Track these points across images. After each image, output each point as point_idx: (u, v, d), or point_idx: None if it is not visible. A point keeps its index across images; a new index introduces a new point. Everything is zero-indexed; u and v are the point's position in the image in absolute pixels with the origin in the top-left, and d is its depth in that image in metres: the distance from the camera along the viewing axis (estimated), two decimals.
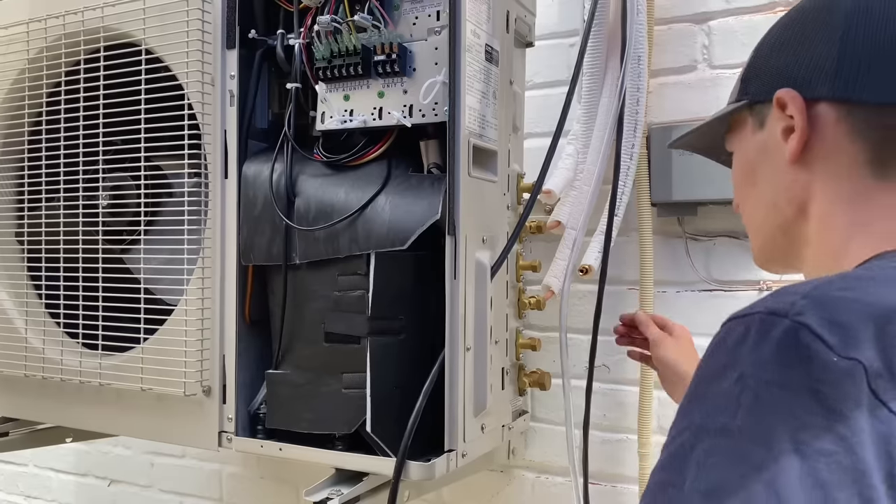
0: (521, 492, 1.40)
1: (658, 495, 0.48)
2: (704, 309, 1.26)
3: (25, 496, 2.01)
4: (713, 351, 0.52)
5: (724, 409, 0.47)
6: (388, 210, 0.97)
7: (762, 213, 0.68)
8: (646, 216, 1.26)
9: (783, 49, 0.64)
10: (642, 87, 1.20)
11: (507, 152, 1.10)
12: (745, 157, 0.69)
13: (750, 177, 0.69)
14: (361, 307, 0.97)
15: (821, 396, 0.44)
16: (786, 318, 0.47)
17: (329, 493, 0.95)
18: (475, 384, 0.98)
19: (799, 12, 0.65)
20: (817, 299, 0.47)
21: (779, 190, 0.65)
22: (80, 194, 1.16)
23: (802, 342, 0.45)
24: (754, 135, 0.67)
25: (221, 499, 1.72)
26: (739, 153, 0.71)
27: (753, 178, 0.68)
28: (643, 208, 1.26)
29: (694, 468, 0.46)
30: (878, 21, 0.58)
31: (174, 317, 1.08)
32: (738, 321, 0.51)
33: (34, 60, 1.20)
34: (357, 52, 0.98)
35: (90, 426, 1.20)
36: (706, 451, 0.46)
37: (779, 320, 0.47)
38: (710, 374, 0.51)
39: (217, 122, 1.07)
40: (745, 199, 0.71)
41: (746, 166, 0.69)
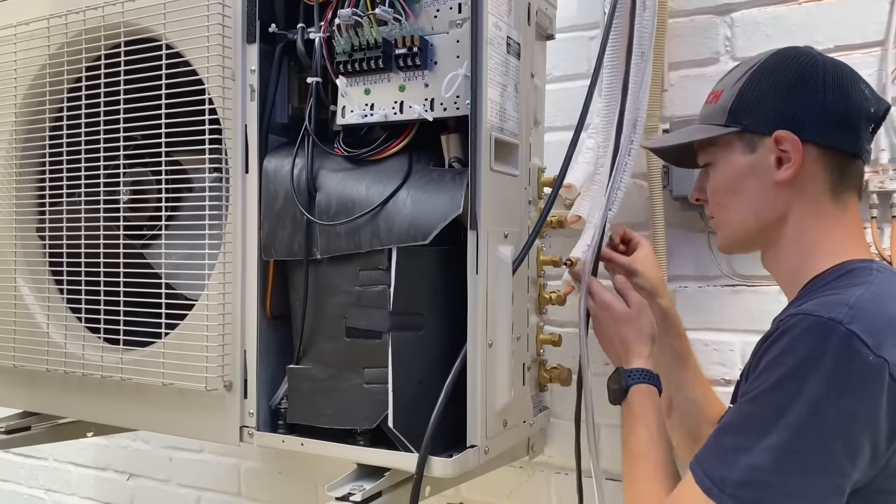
0: (540, 488, 1.39)
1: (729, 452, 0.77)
2: (727, 304, 1.24)
3: (46, 489, 2.02)
4: (784, 339, 0.77)
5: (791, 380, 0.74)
6: (410, 204, 0.97)
7: (742, 216, 0.91)
8: (658, 210, 1.25)
9: (776, 96, 0.88)
10: (644, 84, 1.19)
11: (528, 146, 1.09)
12: (732, 172, 0.91)
13: (734, 187, 0.91)
14: (383, 302, 0.97)
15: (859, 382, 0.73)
16: (841, 325, 0.74)
17: (351, 488, 0.94)
18: (497, 380, 0.97)
19: (786, 65, 0.89)
20: (859, 311, 0.75)
21: (763, 202, 0.89)
22: (100, 190, 1.16)
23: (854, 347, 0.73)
24: (743, 156, 0.90)
25: (240, 493, 1.73)
26: (724, 167, 0.92)
27: (738, 189, 0.91)
28: (656, 202, 1.26)
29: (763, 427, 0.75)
30: (843, 92, 0.86)
31: (195, 312, 1.08)
32: (805, 318, 0.76)
33: (55, 56, 1.20)
34: (378, 45, 0.97)
35: (111, 421, 1.21)
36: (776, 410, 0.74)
37: (836, 326, 0.74)
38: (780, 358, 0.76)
39: (237, 116, 1.06)
40: (724, 204, 0.93)
41: (732, 179, 0.91)
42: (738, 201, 0.91)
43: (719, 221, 0.95)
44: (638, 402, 0.96)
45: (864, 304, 0.76)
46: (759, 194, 0.89)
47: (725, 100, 0.91)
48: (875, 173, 1.15)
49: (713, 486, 0.75)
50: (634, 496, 0.90)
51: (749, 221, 0.91)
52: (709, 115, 0.94)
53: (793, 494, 0.73)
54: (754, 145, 0.89)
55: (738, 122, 0.89)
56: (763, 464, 0.74)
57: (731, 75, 0.94)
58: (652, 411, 0.95)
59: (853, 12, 1.17)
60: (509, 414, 1.02)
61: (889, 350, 0.73)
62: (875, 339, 0.73)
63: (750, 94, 0.89)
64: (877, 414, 0.72)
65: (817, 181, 0.87)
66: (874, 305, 0.76)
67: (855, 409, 0.72)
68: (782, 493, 0.73)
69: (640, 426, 0.94)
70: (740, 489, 0.74)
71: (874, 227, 1.14)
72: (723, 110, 0.91)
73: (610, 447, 1.30)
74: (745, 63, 0.93)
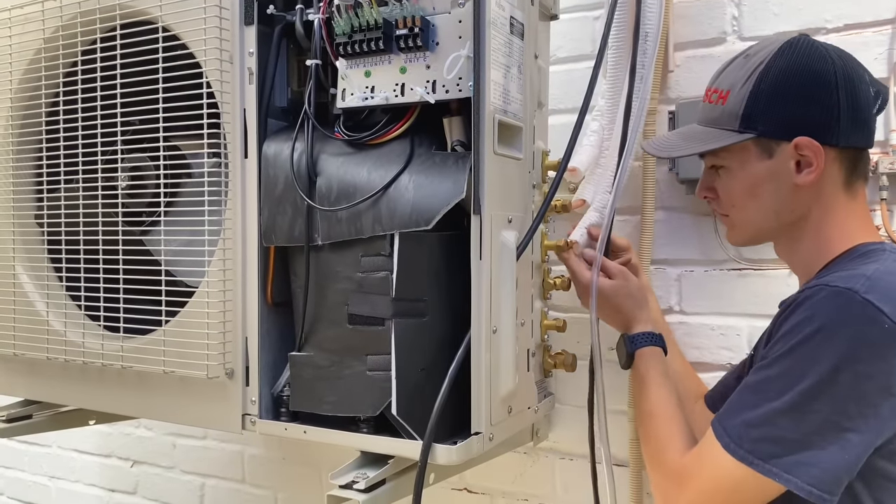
0: (544, 474, 1.38)
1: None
2: (734, 288, 1.23)
3: (50, 477, 2.03)
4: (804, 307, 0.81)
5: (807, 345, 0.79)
6: (412, 189, 0.95)
7: (761, 216, 0.93)
8: (650, 193, 1.25)
9: (791, 100, 0.88)
10: (648, 65, 1.17)
11: (532, 129, 1.07)
12: (750, 177, 0.92)
13: (752, 190, 0.92)
14: (385, 288, 0.95)
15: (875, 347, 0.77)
16: (858, 294, 0.78)
17: (355, 475, 0.94)
18: (501, 366, 0.96)
19: (796, 64, 0.88)
20: (876, 282, 0.79)
21: (783, 203, 0.91)
22: (98, 176, 1.15)
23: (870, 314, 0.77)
24: (760, 161, 0.90)
25: (243, 480, 1.73)
26: (740, 172, 0.93)
27: (756, 192, 0.92)
28: (648, 184, 1.25)
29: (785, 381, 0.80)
30: (855, 90, 0.87)
31: (195, 299, 1.07)
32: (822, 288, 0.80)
33: (50, 40, 1.18)
34: (378, 26, 0.95)
35: (113, 409, 1.20)
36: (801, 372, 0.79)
37: (854, 294, 0.78)
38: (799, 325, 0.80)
39: (236, 100, 1.05)
40: (742, 205, 0.94)
41: (750, 184, 0.92)
42: (757, 204, 0.93)
43: (735, 221, 0.97)
44: (644, 364, 1.03)
45: (880, 276, 0.80)
46: (778, 197, 0.91)
47: (735, 103, 0.90)
48: (885, 154, 1.13)
49: (731, 442, 0.81)
50: (651, 453, 0.95)
51: (768, 220, 0.93)
52: (717, 118, 0.93)
53: (808, 450, 0.77)
54: (772, 151, 0.90)
55: (752, 128, 0.89)
56: (781, 422, 0.79)
57: (736, 72, 0.92)
58: (658, 371, 1.02)
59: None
60: (514, 400, 1.01)
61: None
62: (891, 307, 0.77)
63: (763, 97, 0.88)
64: (891, 378, 0.77)
65: (834, 179, 0.90)
66: (890, 277, 0.81)
67: (870, 372, 0.76)
68: (798, 449, 0.78)
69: (648, 386, 1.01)
70: (758, 445, 0.79)
71: (884, 210, 1.12)
72: (733, 115, 0.90)
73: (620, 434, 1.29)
74: (748, 57, 0.92)
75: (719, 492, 0.82)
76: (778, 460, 0.78)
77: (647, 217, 1.25)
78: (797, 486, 0.77)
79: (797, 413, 0.78)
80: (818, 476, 0.77)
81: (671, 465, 0.90)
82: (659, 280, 1.28)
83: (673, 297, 1.28)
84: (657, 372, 1.02)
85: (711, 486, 0.83)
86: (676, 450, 0.90)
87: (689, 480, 0.85)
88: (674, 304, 1.27)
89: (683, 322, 1.26)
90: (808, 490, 0.77)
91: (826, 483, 0.77)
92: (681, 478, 0.87)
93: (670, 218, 1.27)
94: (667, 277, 1.28)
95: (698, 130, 0.96)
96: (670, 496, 0.88)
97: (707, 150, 0.94)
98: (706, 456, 0.84)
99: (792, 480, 0.78)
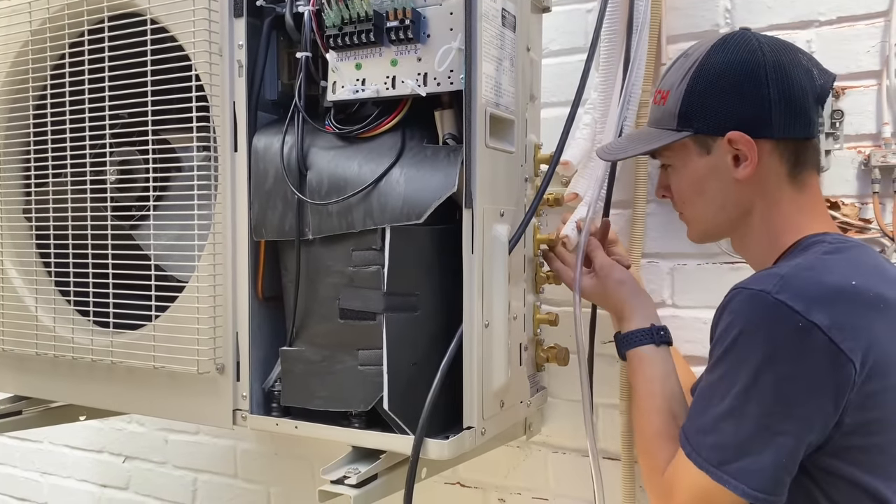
0: (537, 468, 1.38)
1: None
2: (727, 282, 1.21)
3: (41, 472, 2.02)
4: (725, 312, 0.83)
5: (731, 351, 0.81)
6: (404, 183, 0.94)
7: (710, 213, 0.94)
8: (642, 186, 1.25)
9: (722, 96, 0.89)
10: (640, 59, 1.17)
11: (524, 122, 1.06)
12: (693, 174, 0.93)
13: (697, 187, 0.94)
14: (377, 283, 0.95)
15: (791, 346, 0.77)
16: (769, 295, 0.78)
17: (346, 471, 0.93)
18: (493, 360, 0.96)
19: (727, 60, 0.89)
20: (789, 280, 0.79)
21: (727, 198, 0.92)
22: (87, 170, 1.14)
23: (781, 313, 0.77)
24: (700, 157, 0.92)
25: (236, 475, 1.72)
26: (683, 169, 0.95)
27: (701, 188, 0.94)
28: (640, 178, 1.24)
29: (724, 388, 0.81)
30: (787, 80, 0.87)
31: (186, 294, 1.06)
32: (740, 292, 0.82)
33: (37, 32, 1.17)
34: (369, 18, 0.94)
35: (103, 404, 1.19)
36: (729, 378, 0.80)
37: (765, 296, 0.78)
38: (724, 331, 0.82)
39: (225, 93, 1.04)
40: (691, 202, 0.96)
41: (694, 180, 0.94)
42: (703, 200, 0.94)
43: (688, 217, 0.99)
44: (632, 370, 1.02)
45: (795, 273, 0.80)
46: (722, 192, 0.92)
47: (672, 103, 0.92)
48: (877, 147, 1.13)
49: (693, 451, 0.82)
50: (644, 469, 0.95)
51: (717, 216, 0.94)
52: (659, 118, 0.95)
53: (749, 455, 0.78)
54: (709, 147, 0.91)
55: (688, 125, 0.91)
56: (724, 427, 0.80)
57: (674, 72, 0.94)
58: (645, 377, 0.99)
59: None
60: (506, 395, 1.00)
61: (819, 314, 0.76)
62: (804, 305, 0.76)
63: (696, 95, 0.90)
64: (813, 376, 0.77)
65: (776, 171, 0.90)
66: (808, 273, 0.81)
67: (791, 373, 0.77)
68: (740, 455, 0.79)
69: (635, 397, 1.00)
70: (711, 452, 0.80)
71: (876, 203, 1.12)
72: (671, 114, 0.92)
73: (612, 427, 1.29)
74: (686, 57, 0.93)
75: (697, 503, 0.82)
76: (727, 466, 0.79)
77: (638, 210, 1.25)
78: (744, 492, 0.78)
79: (734, 418, 0.79)
80: (760, 482, 0.78)
81: (659, 484, 0.89)
82: (651, 274, 1.27)
83: (665, 290, 1.27)
84: (644, 378, 0.99)
85: (689, 499, 0.83)
86: (663, 466, 0.89)
87: (673, 496, 0.85)
88: (666, 297, 1.27)
89: (676, 315, 1.26)
90: (754, 496, 0.78)
91: (770, 486, 0.78)
92: (666, 494, 0.87)
93: (662, 211, 1.27)
94: (659, 271, 1.28)
95: (644, 132, 0.98)
96: None
97: (648, 151, 0.96)
98: (679, 468, 0.84)
99: (739, 487, 0.78)
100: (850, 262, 0.83)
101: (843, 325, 0.76)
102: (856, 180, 1.15)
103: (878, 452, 0.80)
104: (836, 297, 0.78)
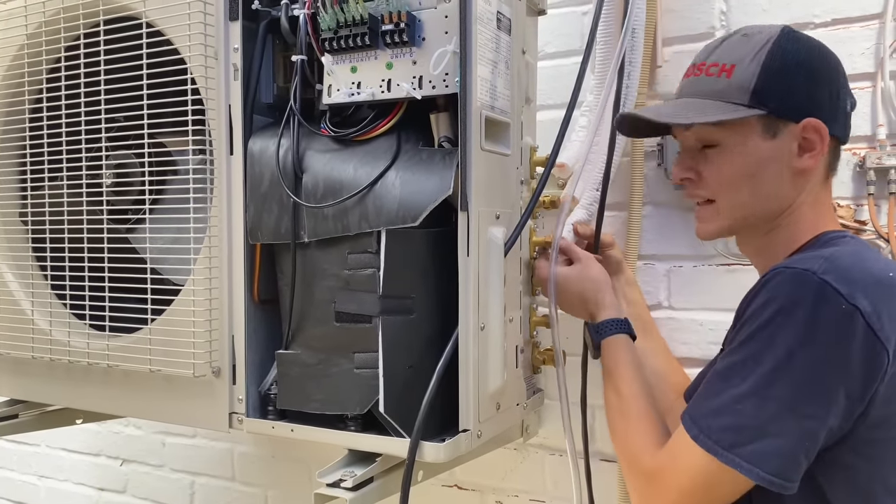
0: (534, 469, 1.38)
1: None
2: (722, 284, 1.23)
3: (38, 476, 2.01)
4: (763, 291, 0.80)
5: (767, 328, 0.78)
6: (399, 186, 0.94)
7: (755, 201, 0.88)
8: (638, 187, 1.25)
9: (804, 83, 0.86)
10: (635, 62, 1.17)
11: (519, 124, 1.06)
12: (751, 156, 0.87)
13: (752, 170, 0.88)
14: (372, 286, 0.95)
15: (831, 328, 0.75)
16: (815, 275, 0.76)
17: (342, 474, 0.93)
18: (489, 363, 0.96)
19: (803, 48, 0.87)
20: (833, 262, 0.77)
21: (778, 188, 0.88)
22: (83, 173, 1.13)
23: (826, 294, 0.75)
24: (764, 140, 0.87)
25: (233, 477, 1.72)
26: (740, 149, 0.88)
27: (755, 172, 0.88)
28: (636, 179, 1.24)
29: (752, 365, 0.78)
30: (845, 81, 0.89)
31: (181, 297, 1.06)
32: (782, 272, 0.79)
33: (33, 36, 1.17)
34: (364, 21, 0.94)
35: (99, 408, 1.19)
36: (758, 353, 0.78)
37: (811, 276, 0.76)
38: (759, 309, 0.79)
39: (221, 96, 1.04)
40: (735, 187, 0.89)
41: (750, 163, 0.87)
42: (752, 186, 0.88)
43: (724, 205, 0.91)
44: (612, 356, 0.99)
45: (839, 257, 0.79)
46: (775, 180, 0.88)
47: (744, 77, 0.86)
48: (872, 149, 1.13)
49: (700, 433, 0.79)
50: (624, 453, 0.92)
51: (760, 205, 0.89)
52: (722, 91, 0.87)
53: (768, 438, 0.76)
54: (776, 130, 0.87)
55: (762, 104, 0.86)
56: (743, 408, 0.77)
57: (738, 48, 0.88)
58: (627, 362, 0.98)
59: None
60: (502, 397, 1.00)
61: (862, 299, 0.75)
62: (848, 288, 0.75)
63: (774, 74, 0.85)
64: (848, 361, 0.75)
65: (823, 168, 0.89)
66: (852, 258, 0.80)
67: (826, 356, 0.75)
68: (757, 437, 0.76)
69: (617, 381, 0.97)
70: (722, 434, 0.78)
71: (871, 204, 1.13)
72: (743, 89, 0.86)
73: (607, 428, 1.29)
74: (748, 36, 0.89)
75: (696, 487, 0.80)
76: (741, 449, 0.76)
77: (634, 212, 1.25)
78: (759, 476, 0.76)
79: (757, 398, 0.76)
80: (777, 465, 0.75)
81: (646, 466, 0.86)
82: (647, 275, 1.28)
83: (662, 292, 1.28)
84: (626, 364, 0.97)
85: (688, 483, 0.80)
86: (650, 449, 0.87)
87: (665, 479, 0.83)
88: (662, 299, 1.27)
89: (672, 317, 1.26)
90: (769, 480, 0.75)
91: (787, 470, 0.76)
92: (656, 477, 0.84)
93: (658, 213, 1.27)
94: (655, 273, 1.28)
95: (699, 103, 0.89)
96: (648, 497, 0.85)
97: (718, 121, 0.87)
98: (678, 450, 0.82)
99: (753, 471, 0.76)
100: (880, 257, 0.84)
101: (881, 313, 0.75)
102: (851, 182, 1.15)
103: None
104: (878, 286, 0.77)
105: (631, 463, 0.89)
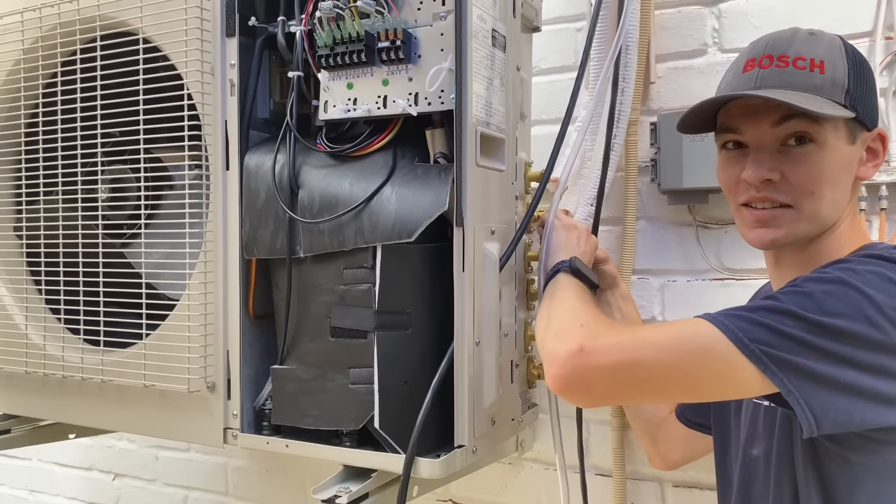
0: (529, 484, 1.38)
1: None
2: (716, 298, 1.23)
3: (30, 490, 2.00)
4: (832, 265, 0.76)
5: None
6: (395, 201, 0.95)
7: (833, 209, 0.81)
8: (632, 203, 1.25)
9: (871, 89, 0.82)
10: (628, 78, 1.18)
11: (514, 140, 1.07)
12: (838, 160, 0.81)
13: (836, 176, 0.81)
14: (368, 301, 0.95)
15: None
16: (891, 255, 0.75)
17: (337, 490, 0.93)
18: (484, 378, 0.96)
19: (863, 61, 0.82)
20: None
21: (845, 194, 0.82)
22: (78, 187, 1.14)
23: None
24: (847, 145, 0.81)
25: (227, 492, 1.71)
26: (832, 151, 0.80)
27: (836, 180, 0.81)
28: (630, 194, 1.25)
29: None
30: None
31: (176, 312, 1.06)
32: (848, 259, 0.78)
33: (29, 51, 1.17)
34: (360, 38, 0.95)
35: (93, 423, 1.19)
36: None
37: (887, 254, 0.75)
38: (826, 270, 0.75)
39: (217, 112, 1.04)
40: (819, 192, 0.80)
41: (835, 167, 0.81)
42: (832, 193, 0.81)
43: (808, 211, 0.81)
44: (558, 281, 0.94)
45: None
46: (845, 187, 0.82)
47: (837, 76, 0.79)
48: None
49: (737, 331, 0.71)
50: (556, 328, 0.82)
51: (828, 214, 0.82)
52: (820, 86, 0.79)
53: (806, 357, 0.70)
54: (855, 136, 0.82)
55: (853, 106, 0.80)
56: (786, 321, 0.71)
57: (816, 46, 0.81)
58: (570, 286, 0.92)
59: (842, 2, 1.16)
60: (497, 412, 1.00)
61: None
62: None
63: (858, 79, 0.81)
64: None
65: None
66: None
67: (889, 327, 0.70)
68: (797, 354, 0.70)
69: (557, 297, 0.90)
70: (765, 347, 0.70)
71: (882, 220, 1.13)
72: (839, 87, 0.80)
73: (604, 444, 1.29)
74: (817, 35, 0.82)
75: (674, 344, 0.73)
76: (772, 351, 0.70)
77: (628, 227, 1.26)
78: (786, 388, 0.70)
79: (806, 339, 0.70)
80: (813, 390, 0.70)
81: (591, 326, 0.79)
82: (641, 290, 1.28)
83: (656, 306, 1.28)
84: (567, 286, 0.91)
85: (666, 340, 0.73)
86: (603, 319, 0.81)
87: (623, 332, 0.77)
88: (657, 313, 1.28)
89: None
90: (795, 398, 0.70)
91: (821, 402, 0.70)
92: (603, 332, 0.77)
93: (652, 228, 1.28)
94: (649, 287, 1.28)
95: (802, 96, 0.79)
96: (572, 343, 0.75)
97: (828, 114, 0.78)
98: (671, 322, 0.77)
99: (784, 383, 0.70)
100: None
101: None
102: None
103: None
104: None
105: (569, 327, 0.80)
